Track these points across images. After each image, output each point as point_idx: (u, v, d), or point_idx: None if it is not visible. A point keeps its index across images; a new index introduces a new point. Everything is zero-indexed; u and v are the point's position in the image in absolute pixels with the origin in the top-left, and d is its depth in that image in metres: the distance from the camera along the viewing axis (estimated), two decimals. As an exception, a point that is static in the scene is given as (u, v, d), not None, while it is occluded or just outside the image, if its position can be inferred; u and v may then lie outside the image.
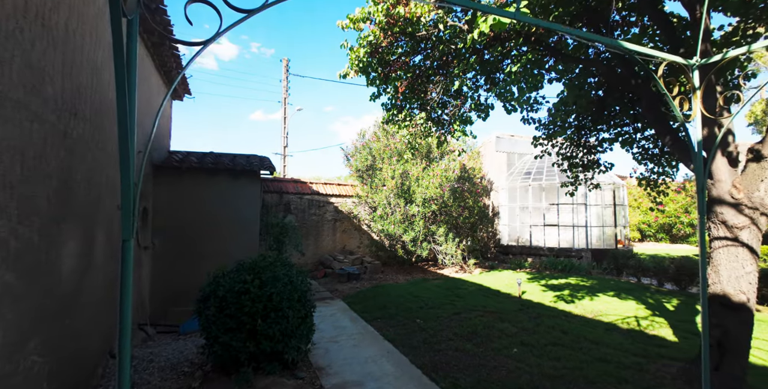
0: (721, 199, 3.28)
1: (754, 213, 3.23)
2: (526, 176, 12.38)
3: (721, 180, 3.24)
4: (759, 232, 3.29)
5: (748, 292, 3.32)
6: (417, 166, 10.06)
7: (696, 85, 2.09)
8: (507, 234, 12.88)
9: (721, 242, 3.37)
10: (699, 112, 2.07)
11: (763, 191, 3.28)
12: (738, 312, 3.36)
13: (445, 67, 5.48)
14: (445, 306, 6.65)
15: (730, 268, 3.34)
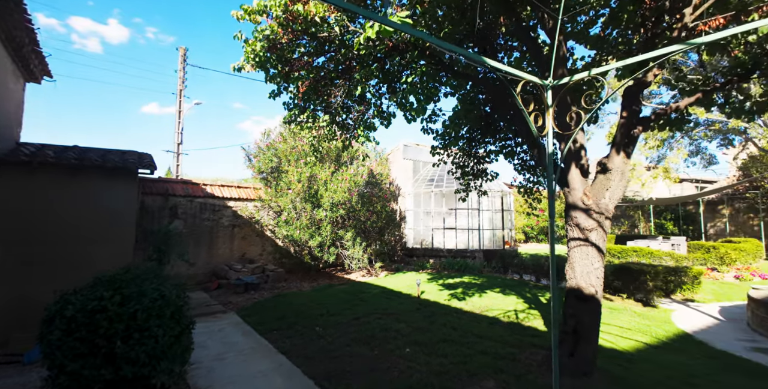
0: (575, 205, 3.81)
1: (600, 217, 3.82)
2: (430, 182, 13.12)
3: (575, 188, 3.79)
4: (604, 233, 3.90)
5: (597, 285, 3.90)
6: (326, 170, 9.93)
7: (549, 103, 2.39)
8: (412, 237, 13.45)
9: (576, 243, 3.91)
10: (551, 127, 2.36)
11: (608, 198, 3.90)
12: (589, 303, 3.92)
13: (348, 71, 5.49)
14: (346, 312, 6.60)
15: (583, 265, 3.89)
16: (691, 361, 4.68)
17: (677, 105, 3.88)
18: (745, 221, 17.79)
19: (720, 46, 4.23)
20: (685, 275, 8.13)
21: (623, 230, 20.48)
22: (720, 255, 11.36)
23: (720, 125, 14.72)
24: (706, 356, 4.94)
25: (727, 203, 18.24)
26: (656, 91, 16.00)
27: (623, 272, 7.80)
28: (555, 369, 2.48)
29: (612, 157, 3.87)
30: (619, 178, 3.84)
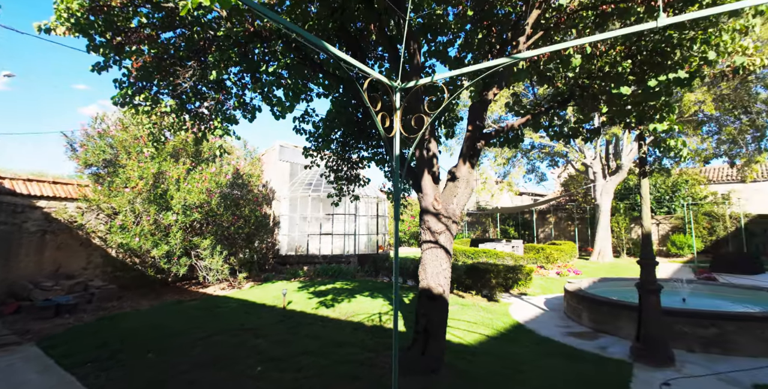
0: (427, 209, 3.97)
1: (448, 221, 4.05)
2: (308, 186, 12.73)
3: (427, 194, 3.96)
4: (452, 236, 4.15)
5: (444, 285, 4.11)
6: (179, 166, 8.63)
7: (397, 105, 2.36)
8: (287, 244, 12.79)
9: (428, 245, 4.07)
10: (398, 129, 2.33)
11: (455, 204, 4.17)
12: (438, 302, 4.10)
13: (203, 52, 4.81)
14: (194, 331, 5.72)
15: (433, 266, 4.06)
16: (522, 349, 5.36)
17: (512, 124, 4.43)
18: (565, 227, 22.18)
19: (547, 78, 5.03)
20: (520, 273, 9.52)
21: (477, 234, 23.43)
22: (546, 255, 13.80)
23: (549, 148, 18.14)
24: (533, 343, 5.74)
25: (553, 213, 22.50)
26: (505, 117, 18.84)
27: (473, 271, 8.71)
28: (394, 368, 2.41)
29: (460, 167, 4.17)
30: (464, 186, 4.15)
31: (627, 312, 5.81)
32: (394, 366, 2.45)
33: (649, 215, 4.99)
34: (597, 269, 13.84)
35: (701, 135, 14.92)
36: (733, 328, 5.07)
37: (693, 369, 4.57)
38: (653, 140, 4.68)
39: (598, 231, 16.70)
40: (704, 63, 3.31)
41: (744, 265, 12.29)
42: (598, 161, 16.87)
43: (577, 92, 4.20)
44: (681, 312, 5.38)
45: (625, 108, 4.36)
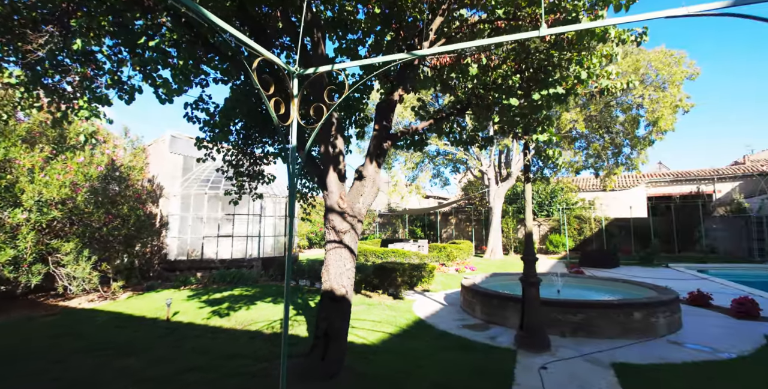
0: (332, 208, 3.83)
1: (353, 220, 3.96)
2: (204, 183, 11.56)
3: (333, 192, 3.82)
4: (356, 236, 4.06)
5: (348, 286, 4.00)
6: (35, 153, 7.05)
7: (294, 92, 2.18)
8: (177, 248, 11.42)
9: (332, 245, 3.93)
10: (295, 117, 2.14)
11: (362, 203, 4.10)
12: (340, 304, 3.97)
13: (66, 16, 3.97)
14: (46, 352, 4.68)
15: (337, 267, 3.92)
16: (422, 344, 5.53)
17: (416, 127, 4.55)
18: (464, 227, 24.03)
19: (449, 87, 5.30)
20: (424, 271, 9.95)
21: (388, 234, 24.11)
22: (447, 253, 14.73)
23: (452, 155, 19.54)
24: (433, 337, 5.97)
25: (454, 215, 24.23)
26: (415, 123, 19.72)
27: (380, 271, 8.83)
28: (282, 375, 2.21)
29: (366, 166, 4.12)
30: (371, 185, 4.11)
31: (513, 304, 6.41)
32: (282, 372, 2.24)
33: (531, 217, 5.57)
34: (489, 265, 15.24)
35: (574, 149, 17.49)
36: (595, 314, 5.92)
37: (565, 352, 5.20)
38: (536, 150, 5.23)
39: (491, 231, 18.45)
40: (578, 82, 3.80)
41: (605, 260, 14.66)
42: (492, 168, 18.68)
43: (474, 101, 4.49)
44: (555, 302, 6.11)
45: (514, 119, 4.80)
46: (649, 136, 14.47)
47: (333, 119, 3.91)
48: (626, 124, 14.99)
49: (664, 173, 24.01)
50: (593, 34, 3.42)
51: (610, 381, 4.21)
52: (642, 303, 5.94)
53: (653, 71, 13.56)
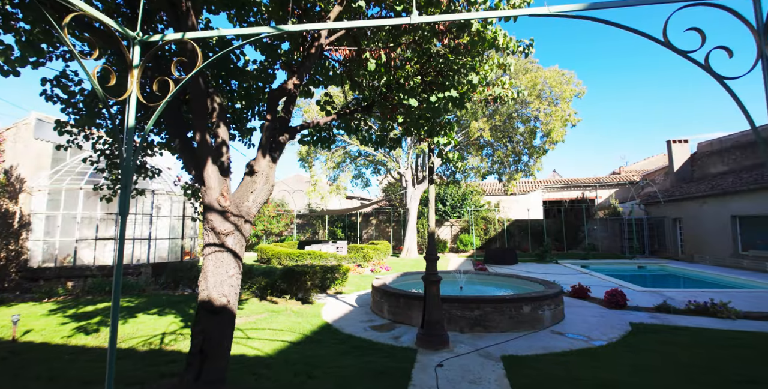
0: (211, 206, 3.40)
1: (239, 221, 3.57)
2: (80, 176, 9.87)
3: (212, 187, 3.39)
4: (243, 238, 3.67)
5: (230, 294, 3.58)
6: None
7: (135, 62, 1.80)
8: (42, 253, 9.56)
9: (211, 249, 3.49)
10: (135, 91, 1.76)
11: (251, 201, 3.72)
12: (220, 316, 3.54)
13: None
14: None
15: (217, 273, 3.49)
16: (323, 350, 5.28)
17: (318, 121, 4.31)
18: (384, 228, 24.38)
19: (357, 84, 5.17)
20: (338, 272, 9.73)
21: (307, 236, 23.42)
22: (363, 254, 14.71)
23: (372, 157, 19.68)
24: (336, 342, 5.76)
25: (375, 216, 24.46)
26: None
27: (288, 274, 8.39)
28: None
29: (259, 160, 3.76)
30: (264, 181, 3.76)
31: (418, 302, 6.50)
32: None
33: (434, 217, 5.69)
34: (404, 264, 15.59)
35: (481, 156, 18.81)
36: (491, 309, 6.25)
37: (462, 348, 5.37)
38: (440, 152, 5.35)
39: (407, 232, 18.98)
40: (470, 87, 3.92)
41: (506, 258, 15.93)
42: (409, 171, 19.25)
43: (377, 99, 4.41)
44: (455, 299, 6.33)
45: (418, 121, 4.84)
46: (543, 146, 16.16)
47: (215, 104, 3.48)
48: (525, 134, 16.55)
49: (557, 180, 27.14)
50: (484, 40, 3.56)
51: (499, 374, 4.41)
52: (531, 298, 6.44)
53: (548, 88, 15.17)
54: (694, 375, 4.24)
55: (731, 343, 5.32)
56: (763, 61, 1.48)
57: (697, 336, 5.74)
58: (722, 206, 14.53)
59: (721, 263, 14.31)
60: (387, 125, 5.35)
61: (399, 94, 4.46)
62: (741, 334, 5.75)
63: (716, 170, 17.66)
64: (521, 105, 15.89)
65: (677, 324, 6.41)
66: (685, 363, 4.60)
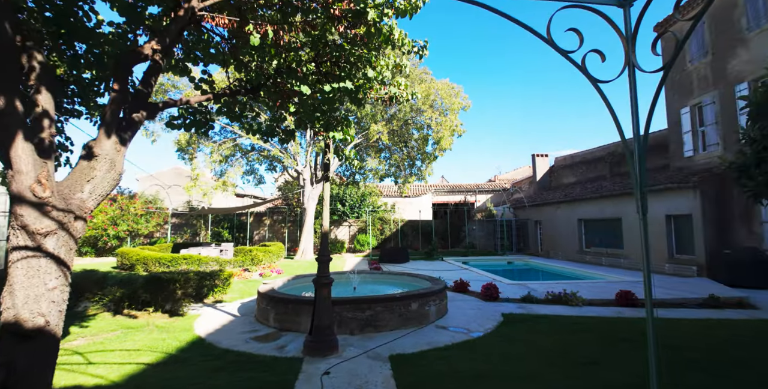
0: (21, 196, 2.53)
1: (66, 217, 2.74)
2: None
3: (23, 172, 2.52)
4: (72, 239, 2.84)
5: (50, 313, 2.73)
6: None
7: None
8: None
9: (21, 254, 2.61)
10: None
11: (88, 192, 2.92)
12: (35, 341, 2.67)
13: None
14: None
15: (29, 286, 2.63)
16: (190, 371, 4.53)
17: (188, 99, 3.66)
18: (279, 229, 23.12)
19: (244, 65, 4.58)
20: (218, 279, 8.70)
21: (185, 238, 20.78)
22: (252, 257, 13.61)
23: (267, 152, 18.45)
24: (209, 358, 5.02)
25: (269, 215, 23.04)
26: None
27: (153, 283, 7.15)
28: None
29: (101, 140, 2.97)
30: (107, 168, 2.99)
31: (308, 307, 6.11)
32: None
33: (329, 216, 5.41)
34: (298, 267, 14.94)
35: (380, 159, 19.24)
36: (381, 309, 6.21)
37: (351, 352, 5.17)
38: (336, 149, 5.09)
39: (303, 232, 18.31)
40: (365, 80, 3.77)
41: (399, 256, 16.49)
42: (308, 169, 18.62)
43: (263, 81, 3.95)
44: (347, 300, 6.14)
45: (313, 113, 4.50)
46: (434, 152, 17.27)
47: (33, 63, 2.62)
48: (419, 141, 17.48)
49: (445, 185, 29.47)
50: (380, 33, 3.44)
51: (386, 375, 4.33)
52: (419, 295, 6.61)
53: (440, 99, 16.26)
54: (552, 359, 4.78)
55: (578, 328, 6.23)
56: (630, 68, 1.58)
57: (554, 322, 6.60)
58: (572, 211, 17.46)
59: (571, 259, 17.15)
60: (278, 114, 4.89)
61: (291, 81, 4.07)
62: (586, 319, 6.80)
63: (568, 181, 21.22)
64: (416, 113, 16.72)
65: (539, 312, 7.30)
66: (546, 349, 5.18)
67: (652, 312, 1.73)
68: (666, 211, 12.30)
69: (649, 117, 1.47)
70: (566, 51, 1.63)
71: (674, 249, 12.30)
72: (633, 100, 1.54)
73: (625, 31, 1.59)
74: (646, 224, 1.80)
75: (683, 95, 13.27)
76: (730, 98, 11.17)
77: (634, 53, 1.57)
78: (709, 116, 12.22)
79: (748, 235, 10.46)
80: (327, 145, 5.03)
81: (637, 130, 1.57)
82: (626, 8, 1.59)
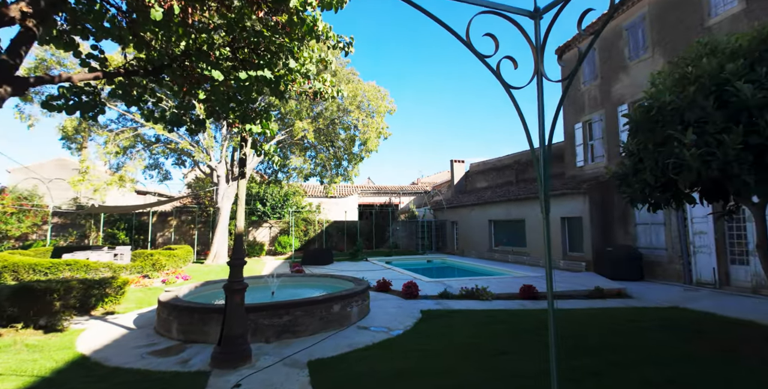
0: None
1: None
2: None
3: None
4: None
5: None
6: None
7: None
8: None
9: None
10: None
11: None
12: None
13: None
14: None
15: None
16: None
17: (70, 76, 3.09)
18: (187, 230, 21.10)
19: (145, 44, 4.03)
20: (110, 287, 7.61)
21: (71, 240, 17.85)
22: (153, 262, 12.19)
23: (175, 144, 16.69)
24: (93, 380, 4.31)
25: (176, 216, 20.92)
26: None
27: (23, 294, 5.97)
28: None
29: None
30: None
31: (217, 316, 5.61)
32: None
33: (244, 216, 5.03)
34: (209, 272, 13.78)
35: (305, 157, 18.70)
36: (301, 313, 5.96)
37: (266, 360, 4.86)
38: (254, 143, 4.75)
39: (216, 234, 16.96)
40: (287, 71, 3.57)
41: (323, 258, 16.14)
42: (223, 165, 17.30)
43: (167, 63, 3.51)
44: (262, 307, 5.77)
45: (228, 103, 4.13)
46: (361, 153, 17.33)
47: None
48: (346, 141, 17.39)
49: (371, 187, 29.80)
50: (303, 22, 3.27)
51: (303, 382, 4.14)
52: (341, 296, 6.50)
53: (367, 101, 16.37)
54: (466, 352, 5.03)
55: (489, 321, 6.68)
56: (538, 77, 1.67)
57: (467, 317, 6.99)
58: (483, 213, 18.84)
59: (482, 256, 18.48)
60: (185, 101, 4.40)
61: (202, 65, 3.68)
62: (495, 312, 7.32)
63: (481, 185, 22.90)
64: (343, 113, 16.60)
65: (454, 308, 7.68)
66: (460, 343, 5.44)
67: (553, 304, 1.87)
68: (561, 214, 13.91)
69: (553, 125, 1.59)
70: (483, 55, 1.68)
71: (568, 247, 13.96)
72: (540, 107, 1.65)
73: (536, 41, 1.69)
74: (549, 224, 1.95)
75: (577, 112, 15.18)
76: (614, 116, 13.06)
77: (542, 63, 1.67)
78: (597, 131, 14.13)
79: (625, 235, 12.31)
80: (244, 139, 4.67)
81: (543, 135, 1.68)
82: (537, 20, 1.70)
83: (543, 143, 1.70)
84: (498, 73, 1.70)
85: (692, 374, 4.15)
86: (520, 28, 1.70)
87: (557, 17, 1.57)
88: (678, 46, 10.64)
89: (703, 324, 6.27)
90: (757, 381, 4.00)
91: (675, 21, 11.10)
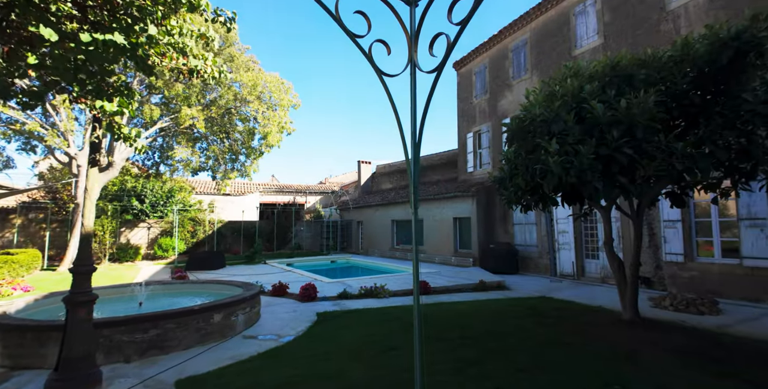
0: None
1: None
2: None
3: None
4: None
5: None
6: None
7: None
8: None
9: None
10: None
11: None
12: None
13: None
14: None
15: None
16: None
17: None
18: (37, 231, 17.29)
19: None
20: None
21: None
22: (-20, 271, 9.64)
23: (21, 125, 13.48)
24: None
25: (23, 213, 17.00)
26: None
27: None
28: None
29: None
30: None
31: (57, 335, 4.55)
32: None
33: (93, 211, 4.17)
34: (61, 281, 11.44)
35: (194, 149, 16.83)
36: (173, 325, 5.19)
37: (123, 383, 4.10)
38: (108, 125, 3.96)
39: (75, 235, 14.21)
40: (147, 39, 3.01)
41: (213, 262, 14.62)
42: (85, 153, 14.55)
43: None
44: (120, 321, 4.88)
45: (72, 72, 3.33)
46: (260, 148, 16.27)
47: None
48: (244, 134, 16.15)
49: (274, 185, 28.35)
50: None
51: (166, 407, 3.55)
52: (224, 304, 5.87)
53: (268, 92, 15.44)
54: (358, 352, 4.93)
55: (384, 318, 6.73)
56: (412, 66, 1.59)
57: (364, 315, 6.95)
58: (387, 213, 19.34)
59: (385, 255, 18.92)
60: (13, 67, 3.45)
61: (32, 21, 2.90)
62: (391, 309, 7.43)
63: (386, 187, 23.51)
64: (241, 102, 15.35)
65: (351, 307, 7.59)
66: (354, 343, 5.33)
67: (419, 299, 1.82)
68: (454, 214, 14.99)
69: (424, 116, 1.54)
70: (355, 35, 1.54)
71: (458, 245, 15.10)
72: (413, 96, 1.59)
73: (410, 28, 1.61)
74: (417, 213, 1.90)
75: (469, 123, 16.55)
76: (499, 128, 14.53)
77: (416, 52, 1.60)
78: (485, 140, 15.58)
79: (505, 234, 13.77)
80: (96, 118, 3.85)
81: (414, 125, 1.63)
82: (412, 7, 1.63)
83: (414, 135, 1.64)
84: (370, 57, 1.58)
85: (557, 359, 4.68)
86: (396, 12, 1.61)
87: (431, 4, 1.51)
88: (551, 70, 12.30)
89: (564, 311, 7.24)
90: (601, 359, 4.70)
91: (549, 48, 12.82)
